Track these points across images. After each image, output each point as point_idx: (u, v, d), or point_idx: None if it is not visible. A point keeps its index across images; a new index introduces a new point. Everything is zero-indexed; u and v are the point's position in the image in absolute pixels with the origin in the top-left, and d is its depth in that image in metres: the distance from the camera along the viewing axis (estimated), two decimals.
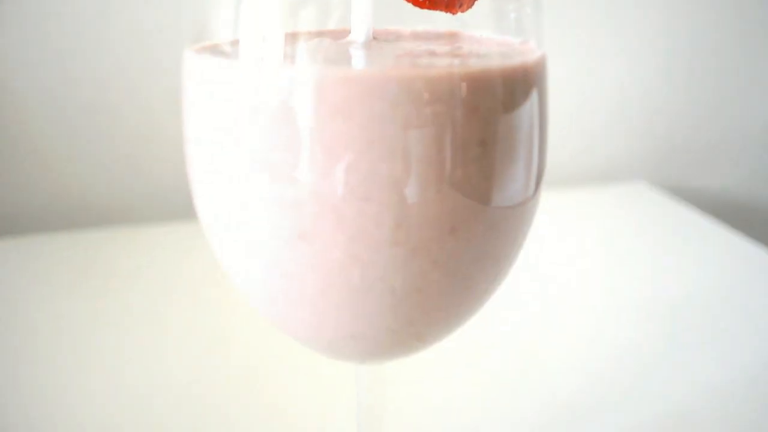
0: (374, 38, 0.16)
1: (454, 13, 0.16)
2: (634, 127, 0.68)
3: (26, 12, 0.51)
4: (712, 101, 0.69)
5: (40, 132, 0.54)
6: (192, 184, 0.18)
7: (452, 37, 0.18)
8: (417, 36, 0.18)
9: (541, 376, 0.38)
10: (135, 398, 0.35)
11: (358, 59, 0.16)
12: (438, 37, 0.18)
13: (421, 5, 0.15)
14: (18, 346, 0.40)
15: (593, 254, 0.54)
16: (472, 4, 0.16)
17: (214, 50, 0.16)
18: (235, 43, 0.15)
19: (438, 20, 0.16)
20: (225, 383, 0.37)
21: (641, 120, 0.68)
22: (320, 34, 0.16)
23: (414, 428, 0.35)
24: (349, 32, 0.16)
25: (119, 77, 0.54)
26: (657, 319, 0.44)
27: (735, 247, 0.55)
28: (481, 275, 0.17)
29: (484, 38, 0.18)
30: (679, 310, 0.45)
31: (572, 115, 0.66)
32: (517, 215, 0.17)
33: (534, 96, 0.16)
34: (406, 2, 0.15)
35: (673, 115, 0.69)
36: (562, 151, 0.67)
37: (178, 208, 0.58)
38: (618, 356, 0.40)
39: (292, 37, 0.15)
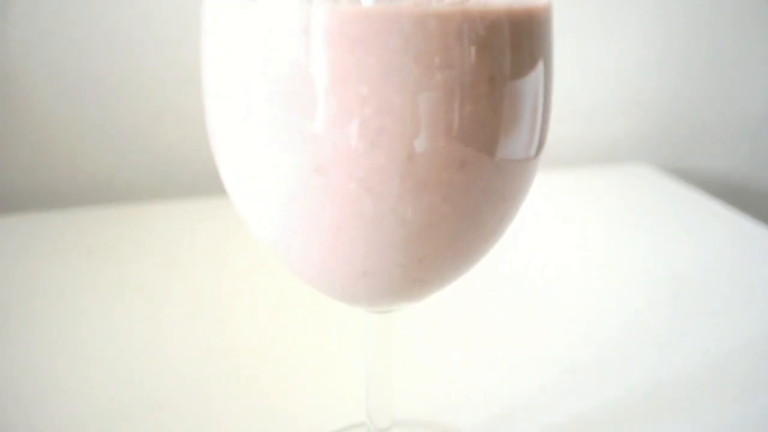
0: None
1: None
2: (637, 109, 0.69)
3: None
4: (714, 83, 0.69)
5: (47, 110, 0.54)
6: (209, 128, 0.18)
7: None
8: None
9: (544, 338, 0.39)
10: (142, 371, 0.36)
11: None
12: None
13: None
14: (23, 323, 0.40)
15: (596, 232, 0.54)
16: None
17: None
18: None
19: None
20: (232, 356, 0.38)
21: (644, 102, 0.69)
22: None
23: (421, 376, 0.36)
24: None
25: (128, 53, 0.54)
26: (658, 293, 0.44)
27: (736, 226, 0.55)
28: (489, 212, 0.18)
29: None
30: (681, 284, 0.46)
31: (575, 96, 0.67)
32: (524, 156, 0.18)
33: (539, 39, 0.17)
34: None
35: (675, 97, 0.69)
36: (565, 133, 0.68)
37: (185, 185, 0.59)
38: (621, 324, 0.41)
39: None
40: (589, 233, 0.54)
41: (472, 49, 0.15)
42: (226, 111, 0.17)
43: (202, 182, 0.59)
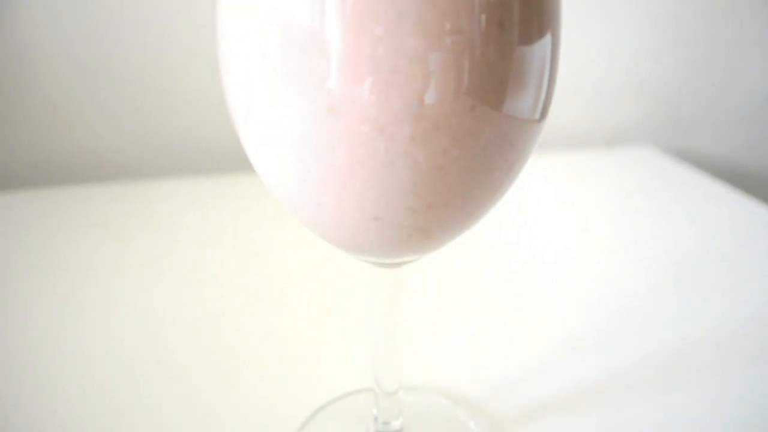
0: None
1: None
2: (643, 91, 0.69)
3: None
4: (717, 66, 0.69)
5: (52, 86, 0.55)
6: (222, 69, 0.19)
7: None
8: None
9: (549, 312, 0.40)
10: (144, 342, 0.37)
11: None
12: None
13: None
14: (26, 299, 0.41)
15: (600, 212, 0.55)
16: None
17: None
18: None
19: None
20: (236, 325, 0.38)
21: (648, 85, 0.69)
22: None
23: (428, 345, 0.37)
24: None
25: (132, 30, 0.54)
26: (662, 270, 0.45)
27: (738, 206, 0.55)
28: (498, 159, 0.18)
29: None
30: (684, 261, 0.46)
31: (580, 79, 0.67)
32: (532, 105, 0.18)
33: None
34: None
35: (679, 80, 0.69)
36: (569, 115, 0.68)
37: (190, 162, 0.60)
38: (625, 299, 0.41)
39: None
40: (593, 213, 0.54)
41: None
42: (240, 52, 0.17)
43: (204, 161, 0.59)
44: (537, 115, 0.19)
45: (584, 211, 0.54)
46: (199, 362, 0.34)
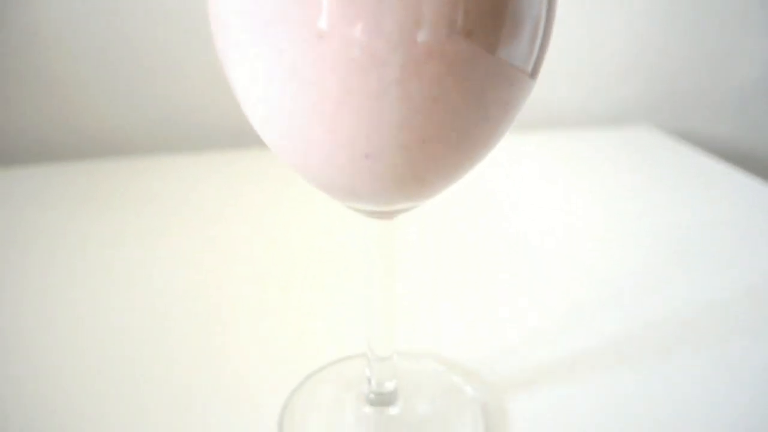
0: None
1: None
2: (641, 71, 0.68)
3: None
4: (716, 47, 0.69)
5: (56, 63, 0.54)
6: (210, 7, 0.18)
7: None
8: None
9: (548, 282, 0.40)
10: (144, 309, 0.36)
11: None
12: None
13: None
14: (27, 274, 0.41)
15: (599, 189, 0.54)
16: None
17: None
18: None
19: None
20: (231, 294, 0.38)
21: (648, 65, 0.68)
22: None
23: (425, 300, 0.37)
24: None
25: (135, 7, 0.54)
26: (659, 244, 0.44)
27: (736, 182, 0.55)
28: (493, 96, 0.18)
29: None
30: (681, 236, 0.46)
31: (581, 59, 0.66)
32: (526, 45, 0.18)
33: None
34: None
35: (679, 60, 0.69)
36: (570, 95, 0.67)
37: (190, 138, 0.59)
38: (624, 271, 0.41)
39: None
40: (591, 191, 0.54)
41: None
42: None
43: (204, 137, 0.59)
44: (530, 67, 0.18)
45: (582, 189, 0.54)
46: (193, 330, 0.34)
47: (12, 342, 0.33)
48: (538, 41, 0.18)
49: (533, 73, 0.19)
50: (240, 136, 0.58)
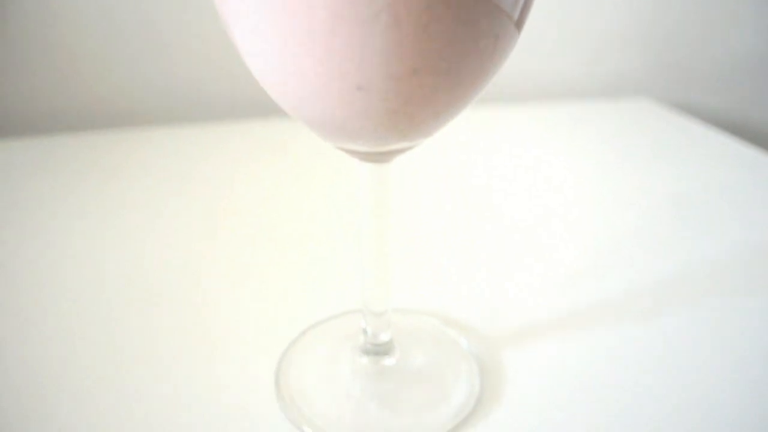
0: None
1: None
2: (639, 43, 0.68)
3: None
4: (715, 20, 0.69)
5: (65, 34, 0.54)
6: None
7: None
8: None
9: (547, 246, 0.40)
10: (144, 264, 0.36)
11: None
12: None
13: None
14: (28, 242, 0.41)
15: (599, 159, 0.55)
16: None
17: None
18: None
19: None
20: (228, 251, 0.38)
21: (646, 37, 0.68)
22: None
23: (420, 257, 0.37)
24: None
25: None
26: (659, 208, 0.45)
27: (734, 151, 0.55)
28: (485, 26, 0.18)
29: None
30: (681, 201, 0.46)
31: (579, 30, 0.66)
32: None
33: None
34: None
35: (679, 32, 0.69)
36: (567, 67, 0.67)
37: (191, 109, 0.59)
38: (624, 235, 0.41)
39: None
40: (591, 161, 0.54)
41: None
42: None
43: (205, 109, 0.59)
44: (517, 13, 0.19)
45: (583, 159, 0.54)
46: (192, 286, 0.34)
47: (11, 304, 0.33)
48: None
49: (519, 22, 0.19)
50: (245, 108, 0.58)
